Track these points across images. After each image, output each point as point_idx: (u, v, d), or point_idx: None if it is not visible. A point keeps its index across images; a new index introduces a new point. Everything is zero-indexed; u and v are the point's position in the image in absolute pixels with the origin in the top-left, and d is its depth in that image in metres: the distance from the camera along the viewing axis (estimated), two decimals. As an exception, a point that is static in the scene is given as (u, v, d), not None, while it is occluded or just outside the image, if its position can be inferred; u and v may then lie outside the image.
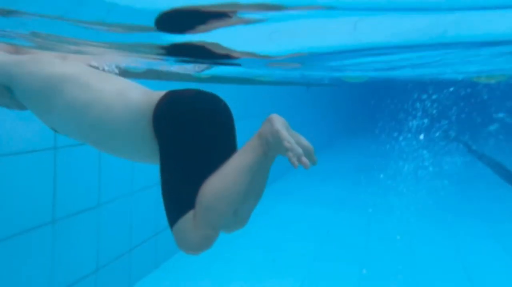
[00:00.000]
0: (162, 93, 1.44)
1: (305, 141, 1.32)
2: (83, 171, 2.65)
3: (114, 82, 1.51)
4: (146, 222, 3.39)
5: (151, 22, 1.19)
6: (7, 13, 1.18)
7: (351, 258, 4.00)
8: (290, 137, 1.24)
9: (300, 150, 1.20)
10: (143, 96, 1.44)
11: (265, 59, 1.92)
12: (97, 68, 1.73)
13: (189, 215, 1.26)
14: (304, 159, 1.19)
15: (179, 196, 1.30)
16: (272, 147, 1.27)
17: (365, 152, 9.93)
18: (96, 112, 1.42)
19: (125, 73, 2.46)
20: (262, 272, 3.66)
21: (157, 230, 3.53)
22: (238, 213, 1.40)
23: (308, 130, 8.68)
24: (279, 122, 1.28)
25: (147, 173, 3.29)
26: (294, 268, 3.75)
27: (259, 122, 1.37)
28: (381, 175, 7.13)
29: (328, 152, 9.71)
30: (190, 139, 1.31)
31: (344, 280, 3.56)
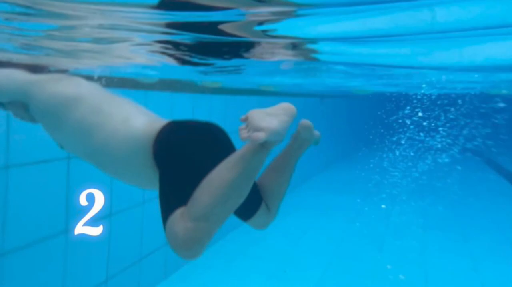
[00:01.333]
0: (164, 122, 1.49)
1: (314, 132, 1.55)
2: (95, 181, 2.69)
3: (123, 107, 1.56)
4: (156, 233, 3.40)
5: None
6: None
7: (362, 270, 3.96)
8: (256, 114, 1.18)
9: (255, 125, 1.14)
10: (146, 124, 1.49)
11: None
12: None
13: (179, 210, 1.25)
14: (255, 134, 1.13)
15: (173, 198, 1.31)
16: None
17: (379, 164, 9.85)
18: (101, 136, 1.48)
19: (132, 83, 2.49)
20: (272, 282, 3.64)
21: (166, 241, 3.54)
22: (270, 208, 1.55)
23: (321, 142, 8.62)
24: (267, 108, 1.24)
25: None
26: (305, 279, 3.73)
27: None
28: (395, 188, 7.09)
29: (342, 164, 9.66)
30: (188, 168, 1.34)
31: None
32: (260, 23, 1.42)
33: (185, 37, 1.66)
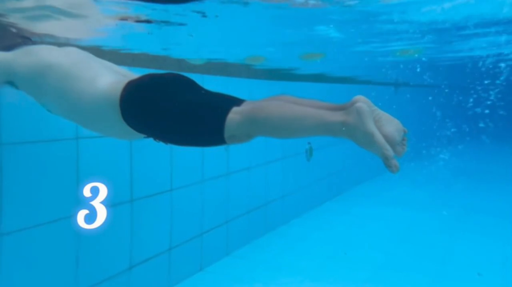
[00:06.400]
0: (128, 79, 1.61)
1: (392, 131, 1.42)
2: (156, 159, 2.97)
3: (91, 69, 1.70)
4: (217, 210, 3.64)
5: None
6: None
7: (424, 256, 3.86)
8: (386, 145, 1.33)
9: (390, 153, 1.33)
10: (111, 84, 1.62)
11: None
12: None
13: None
14: (394, 162, 1.34)
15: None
16: (353, 137, 1.33)
17: (462, 156, 9.33)
18: (72, 97, 1.65)
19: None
20: (332, 263, 3.71)
21: (228, 218, 3.76)
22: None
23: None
24: (369, 117, 1.32)
25: (216, 164, 3.56)
26: (365, 262, 3.73)
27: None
28: (478, 179, 6.65)
29: (421, 157, 9.21)
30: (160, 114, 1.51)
31: (415, 275, 3.47)
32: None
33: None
